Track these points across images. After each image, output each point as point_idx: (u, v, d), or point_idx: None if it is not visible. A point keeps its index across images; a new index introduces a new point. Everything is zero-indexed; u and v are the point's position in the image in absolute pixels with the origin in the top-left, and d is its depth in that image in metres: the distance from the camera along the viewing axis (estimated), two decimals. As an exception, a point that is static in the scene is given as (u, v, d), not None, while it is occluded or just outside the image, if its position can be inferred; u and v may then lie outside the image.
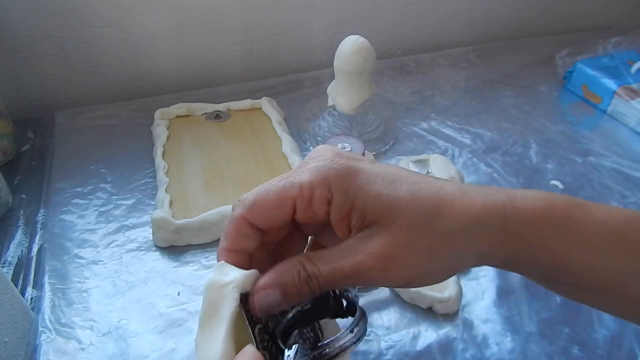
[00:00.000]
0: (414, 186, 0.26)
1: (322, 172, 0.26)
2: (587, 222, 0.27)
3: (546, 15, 0.96)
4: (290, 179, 0.26)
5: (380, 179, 0.26)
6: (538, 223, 0.26)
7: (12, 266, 0.48)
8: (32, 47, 0.68)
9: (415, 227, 0.25)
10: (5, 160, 0.61)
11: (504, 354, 0.41)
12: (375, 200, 0.25)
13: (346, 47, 0.58)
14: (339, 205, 0.26)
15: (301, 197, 0.26)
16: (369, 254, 0.25)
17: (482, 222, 0.26)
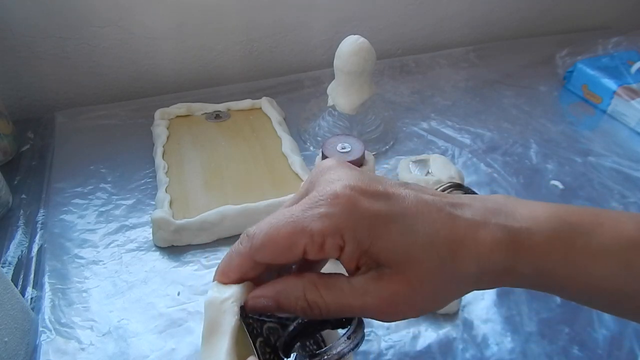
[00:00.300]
0: (430, 228, 0.25)
1: (333, 221, 0.24)
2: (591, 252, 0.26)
3: (546, 15, 0.96)
4: (301, 222, 0.25)
5: (397, 227, 0.25)
6: (544, 254, 0.26)
7: (12, 266, 0.48)
8: (32, 47, 0.68)
9: (429, 274, 0.25)
10: (5, 160, 0.61)
11: (504, 354, 0.41)
12: (390, 248, 0.25)
13: (346, 47, 0.58)
14: (350, 253, 0.25)
15: (312, 244, 0.25)
16: (381, 298, 0.25)
17: (493, 264, 0.26)
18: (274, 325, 0.28)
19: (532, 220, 0.26)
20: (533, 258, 0.26)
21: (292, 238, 0.25)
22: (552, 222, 0.26)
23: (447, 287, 0.26)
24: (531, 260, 0.26)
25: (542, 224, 0.26)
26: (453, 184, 0.49)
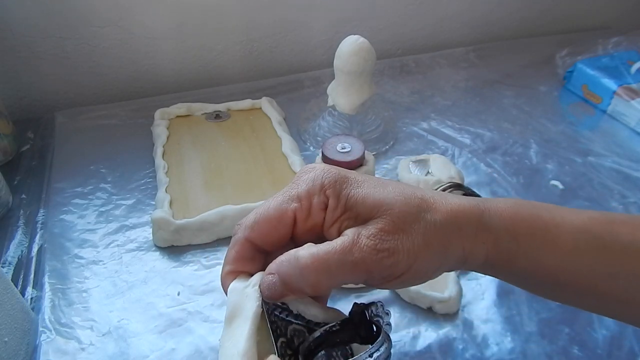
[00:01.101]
0: (399, 187, 0.28)
1: (316, 181, 0.27)
2: (557, 223, 0.28)
3: (546, 15, 0.96)
4: (287, 193, 0.28)
5: (367, 183, 0.28)
6: (510, 222, 0.28)
7: (12, 266, 0.48)
8: (32, 47, 0.68)
9: (409, 216, 0.26)
10: (5, 160, 0.61)
11: (504, 354, 0.41)
12: (365, 199, 0.27)
13: (346, 47, 0.58)
14: (333, 209, 0.27)
15: (301, 208, 0.27)
16: (371, 233, 0.26)
17: (463, 218, 0.28)
18: (300, 327, 0.28)
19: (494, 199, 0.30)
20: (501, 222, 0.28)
21: (281, 208, 0.27)
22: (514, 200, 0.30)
23: (429, 234, 0.26)
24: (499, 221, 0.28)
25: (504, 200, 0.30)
26: (453, 184, 0.49)
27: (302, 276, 0.25)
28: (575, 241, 0.28)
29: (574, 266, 0.28)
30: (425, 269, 0.27)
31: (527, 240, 0.28)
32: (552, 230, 0.28)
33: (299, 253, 0.26)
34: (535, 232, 0.28)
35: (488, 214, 0.28)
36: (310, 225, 0.27)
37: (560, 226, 0.28)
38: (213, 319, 0.43)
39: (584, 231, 0.28)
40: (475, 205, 0.28)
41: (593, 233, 0.28)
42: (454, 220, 0.27)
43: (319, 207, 0.27)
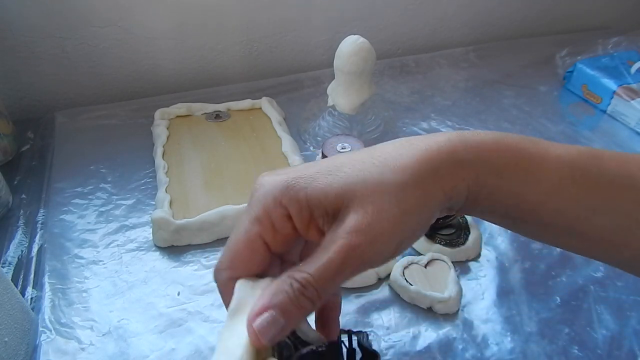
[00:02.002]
0: (351, 164, 0.26)
1: (267, 196, 0.26)
2: (541, 155, 0.27)
3: (546, 15, 0.96)
4: (247, 219, 0.27)
5: (320, 174, 0.26)
6: (491, 154, 0.27)
7: (12, 266, 0.48)
8: (32, 47, 0.68)
9: (374, 192, 0.25)
10: (5, 160, 0.61)
11: (504, 354, 0.41)
12: (326, 194, 0.26)
13: (346, 47, 0.58)
14: (298, 215, 0.26)
15: (264, 229, 0.26)
16: (348, 233, 0.24)
17: (435, 161, 0.26)
18: (289, 342, 0.27)
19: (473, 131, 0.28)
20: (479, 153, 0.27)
21: (247, 237, 0.27)
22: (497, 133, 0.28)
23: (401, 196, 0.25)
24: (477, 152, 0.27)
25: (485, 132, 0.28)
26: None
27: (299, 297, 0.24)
28: (560, 174, 0.27)
29: (559, 201, 0.27)
30: (415, 227, 0.26)
31: (510, 173, 0.27)
32: (537, 162, 0.27)
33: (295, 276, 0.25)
34: (519, 164, 0.27)
35: (463, 147, 0.27)
36: (281, 239, 0.27)
37: (546, 159, 0.27)
38: (213, 319, 0.43)
39: (570, 165, 0.27)
40: (446, 142, 0.27)
41: (580, 166, 0.27)
42: (425, 167, 0.26)
43: (282, 219, 0.26)
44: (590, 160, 0.27)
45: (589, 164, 0.27)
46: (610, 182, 0.27)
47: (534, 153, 0.27)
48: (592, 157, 0.27)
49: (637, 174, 0.27)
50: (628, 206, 0.27)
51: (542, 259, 0.50)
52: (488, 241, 0.52)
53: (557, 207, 0.27)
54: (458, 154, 0.26)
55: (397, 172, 0.26)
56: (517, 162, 0.27)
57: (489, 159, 0.27)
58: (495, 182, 0.27)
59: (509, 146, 0.27)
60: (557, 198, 0.27)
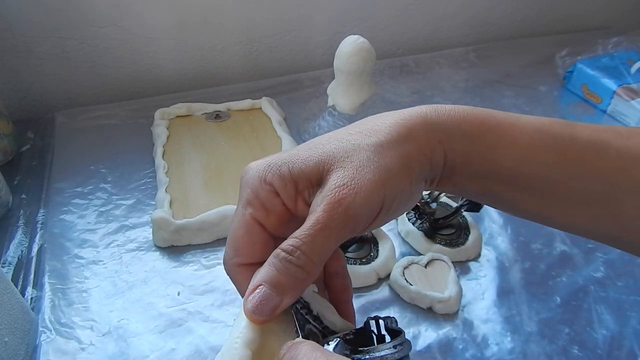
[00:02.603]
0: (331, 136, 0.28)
1: (254, 178, 0.27)
2: (512, 122, 0.28)
3: (546, 15, 0.96)
4: (239, 206, 0.28)
5: (299, 149, 0.28)
6: (461, 120, 0.28)
7: (12, 266, 0.48)
8: (32, 47, 0.68)
9: (352, 152, 0.26)
10: (5, 160, 0.61)
11: (504, 354, 0.41)
12: (306, 162, 0.26)
13: (346, 47, 0.58)
14: (284, 189, 0.26)
15: (256, 210, 0.27)
16: (331, 190, 0.25)
17: (408, 122, 0.27)
18: (316, 331, 0.27)
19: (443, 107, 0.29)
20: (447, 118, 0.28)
21: (243, 221, 0.27)
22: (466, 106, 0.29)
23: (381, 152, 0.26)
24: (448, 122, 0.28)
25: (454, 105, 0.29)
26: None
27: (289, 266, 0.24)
28: (531, 140, 0.27)
29: (531, 166, 0.27)
30: (400, 188, 0.26)
31: (481, 137, 0.27)
32: (505, 129, 0.27)
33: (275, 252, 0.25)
34: (489, 130, 0.27)
35: (435, 114, 0.28)
36: (275, 218, 0.27)
37: (515, 125, 0.27)
38: (213, 319, 0.43)
39: (541, 131, 0.27)
40: (414, 111, 0.28)
41: (552, 133, 0.27)
42: (398, 128, 0.27)
43: (269, 196, 0.27)
44: (562, 128, 0.27)
45: (562, 131, 0.27)
46: (584, 148, 0.27)
47: (503, 120, 0.28)
48: (565, 125, 0.28)
49: (611, 141, 0.27)
50: (604, 172, 0.27)
51: (542, 259, 0.50)
52: (488, 241, 0.52)
53: (532, 172, 0.27)
54: (430, 118, 0.27)
55: (372, 136, 0.26)
56: (487, 128, 0.27)
57: (459, 125, 0.27)
58: (469, 147, 0.27)
59: (477, 115, 0.28)
60: (530, 163, 0.27)
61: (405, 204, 0.28)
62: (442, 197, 0.49)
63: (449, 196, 0.50)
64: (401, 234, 0.52)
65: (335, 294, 0.30)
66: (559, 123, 0.28)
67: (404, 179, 0.26)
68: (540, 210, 0.29)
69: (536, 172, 0.27)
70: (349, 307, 0.31)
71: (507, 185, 0.28)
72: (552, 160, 0.27)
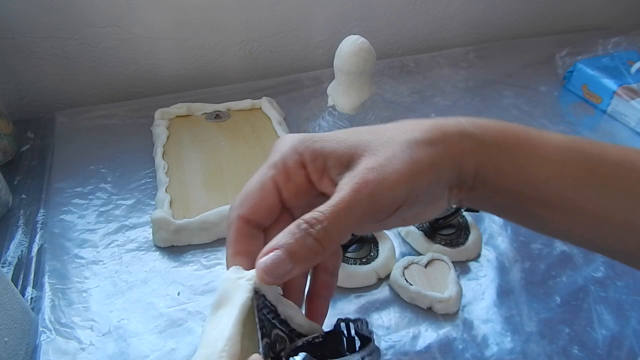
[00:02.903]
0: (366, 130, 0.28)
1: (286, 145, 0.28)
2: (544, 138, 0.28)
3: (546, 15, 0.96)
4: (264, 166, 0.29)
5: (335, 133, 0.28)
6: (495, 133, 0.28)
7: (12, 266, 0.48)
8: (32, 47, 0.68)
9: (389, 142, 0.27)
10: (5, 160, 0.61)
11: (504, 354, 0.41)
12: (340, 144, 0.27)
13: (346, 47, 0.58)
14: (312, 162, 0.27)
15: (278, 173, 0.28)
16: (360, 172, 0.25)
17: (443, 127, 0.27)
18: (282, 335, 0.27)
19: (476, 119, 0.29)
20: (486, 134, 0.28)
21: (261, 179, 0.28)
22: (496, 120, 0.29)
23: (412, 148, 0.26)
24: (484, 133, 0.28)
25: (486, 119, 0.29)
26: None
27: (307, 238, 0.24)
28: (563, 156, 0.27)
29: (563, 182, 0.27)
30: (427, 187, 0.26)
31: (515, 151, 0.27)
32: (539, 144, 0.28)
33: (297, 222, 0.25)
34: (522, 144, 0.28)
35: (471, 124, 0.28)
36: (294, 187, 0.28)
37: (548, 141, 0.28)
38: (213, 319, 0.43)
39: (571, 148, 0.28)
40: (452, 119, 0.28)
41: (582, 150, 0.28)
42: (433, 130, 0.27)
43: (296, 166, 0.28)
44: (592, 146, 0.28)
45: (591, 149, 0.28)
46: (613, 166, 0.27)
47: (536, 136, 0.28)
48: (594, 144, 0.28)
49: (637, 160, 0.28)
50: (632, 188, 0.27)
51: (542, 259, 0.50)
52: (488, 241, 0.52)
53: (563, 187, 0.27)
54: (466, 128, 0.28)
55: (407, 133, 0.27)
56: (520, 142, 0.28)
57: (493, 138, 0.28)
58: (502, 159, 0.27)
59: (511, 129, 0.28)
60: (561, 179, 0.27)
61: (427, 205, 0.28)
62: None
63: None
64: (401, 234, 0.52)
65: (317, 287, 0.30)
66: (587, 142, 0.29)
67: (431, 178, 0.27)
68: (570, 228, 0.29)
69: (567, 187, 0.27)
70: (324, 305, 0.31)
71: (537, 200, 0.28)
72: (583, 176, 0.27)
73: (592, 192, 0.27)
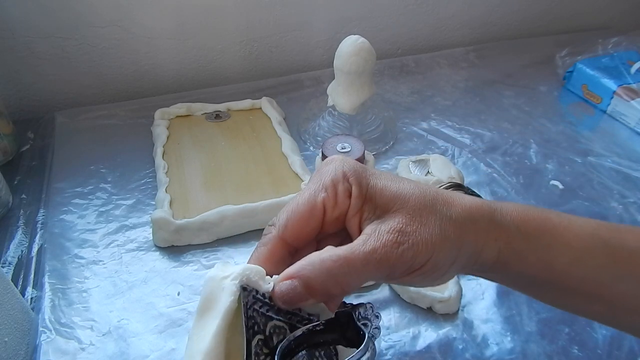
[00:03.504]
0: (413, 183, 0.29)
1: (338, 170, 0.29)
2: (565, 225, 0.29)
3: (546, 15, 0.96)
4: (313, 186, 0.29)
5: (384, 176, 0.29)
6: (520, 221, 0.29)
7: (12, 266, 0.48)
8: (32, 47, 0.68)
9: (425, 209, 0.27)
10: (5, 160, 0.61)
11: (504, 354, 0.41)
12: (383, 191, 0.28)
13: (346, 47, 0.58)
14: (356, 197, 0.28)
15: (328, 197, 0.28)
16: (391, 227, 0.26)
17: (476, 213, 0.28)
18: (281, 324, 0.26)
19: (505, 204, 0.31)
20: (512, 220, 0.29)
21: (310, 201, 0.28)
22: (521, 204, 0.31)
23: (445, 225, 0.27)
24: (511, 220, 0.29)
25: (513, 203, 0.31)
26: (453, 184, 0.49)
27: (329, 276, 0.25)
28: (583, 243, 0.29)
29: (583, 269, 0.29)
30: (443, 261, 0.28)
31: (538, 238, 0.29)
32: (561, 231, 0.29)
33: (322, 256, 0.26)
34: (545, 232, 0.29)
35: (499, 212, 0.29)
36: (337, 214, 0.28)
37: (569, 229, 0.29)
38: (213, 319, 0.43)
39: (592, 235, 0.29)
40: (486, 203, 0.30)
41: (601, 237, 0.29)
42: (468, 214, 0.28)
43: (344, 194, 0.28)
44: (609, 233, 0.29)
45: (609, 236, 0.29)
46: (631, 253, 0.29)
47: (558, 223, 0.29)
48: (611, 230, 0.30)
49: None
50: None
51: (542, 259, 0.50)
52: (488, 241, 0.52)
53: (583, 274, 0.29)
54: (495, 215, 0.29)
55: (446, 205, 0.28)
56: (544, 230, 0.29)
57: (518, 225, 0.29)
58: (525, 247, 0.29)
59: (535, 215, 0.30)
60: (582, 266, 0.29)
61: (439, 276, 0.29)
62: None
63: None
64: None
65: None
66: (605, 227, 0.30)
67: (452, 256, 0.28)
68: (588, 308, 0.31)
69: (586, 274, 0.29)
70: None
71: (558, 285, 0.29)
72: (603, 263, 0.29)
73: (611, 278, 0.29)
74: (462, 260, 0.28)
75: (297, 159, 0.58)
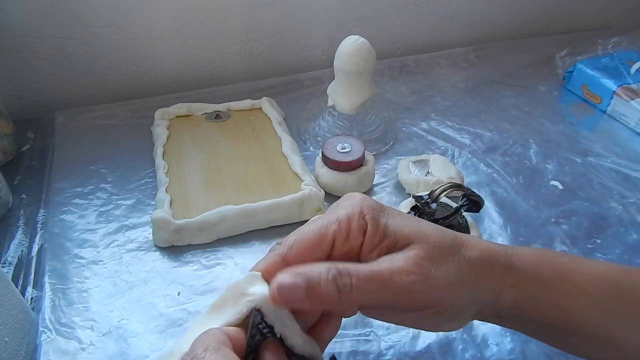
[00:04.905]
0: (432, 224, 0.29)
1: (355, 206, 0.29)
2: (580, 271, 0.30)
3: (546, 15, 0.96)
4: (327, 217, 0.29)
5: (403, 215, 0.29)
6: (536, 267, 0.29)
7: (12, 266, 0.48)
8: (32, 47, 0.68)
9: (445, 248, 0.28)
10: (5, 160, 0.61)
11: (504, 354, 0.41)
12: (402, 228, 0.28)
13: (346, 48, 0.58)
14: (372, 235, 0.28)
15: (340, 231, 0.28)
16: (408, 258, 0.26)
17: (494, 257, 0.29)
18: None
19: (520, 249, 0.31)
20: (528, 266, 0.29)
21: (322, 230, 0.28)
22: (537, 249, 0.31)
23: (463, 267, 0.28)
24: (527, 265, 0.29)
25: (529, 248, 0.31)
26: (453, 184, 0.49)
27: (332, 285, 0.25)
28: (597, 289, 0.29)
29: (598, 315, 0.29)
30: (459, 302, 0.28)
31: (554, 285, 0.29)
32: (576, 277, 0.29)
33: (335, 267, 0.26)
34: (561, 278, 0.29)
35: (516, 257, 0.30)
36: (347, 248, 0.28)
37: (583, 274, 0.30)
38: (213, 319, 0.43)
39: (604, 280, 0.29)
40: (502, 248, 0.30)
41: (613, 282, 0.29)
42: (486, 258, 0.29)
43: (358, 231, 0.28)
44: (620, 277, 0.30)
45: (620, 280, 0.30)
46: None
47: (572, 268, 0.30)
48: (622, 273, 0.30)
49: None
50: None
51: (542, 259, 0.50)
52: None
53: (598, 320, 0.29)
54: (512, 260, 0.29)
55: (463, 247, 0.29)
56: (560, 275, 0.29)
57: (535, 272, 0.29)
58: (541, 293, 0.29)
59: (550, 261, 0.30)
60: (597, 312, 0.29)
61: (451, 319, 0.29)
62: (442, 197, 0.49)
63: (449, 196, 0.50)
64: (401, 234, 0.52)
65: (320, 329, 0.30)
66: (616, 270, 0.31)
67: (466, 301, 0.28)
68: (601, 353, 0.31)
69: (601, 320, 0.29)
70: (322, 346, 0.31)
71: (572, 330, 0.30)
72: (616, 309, 0.29)
73: (624, 323, 0.29)
74: (479, 305, 0.29)
75: (297, 159, 0.58)
